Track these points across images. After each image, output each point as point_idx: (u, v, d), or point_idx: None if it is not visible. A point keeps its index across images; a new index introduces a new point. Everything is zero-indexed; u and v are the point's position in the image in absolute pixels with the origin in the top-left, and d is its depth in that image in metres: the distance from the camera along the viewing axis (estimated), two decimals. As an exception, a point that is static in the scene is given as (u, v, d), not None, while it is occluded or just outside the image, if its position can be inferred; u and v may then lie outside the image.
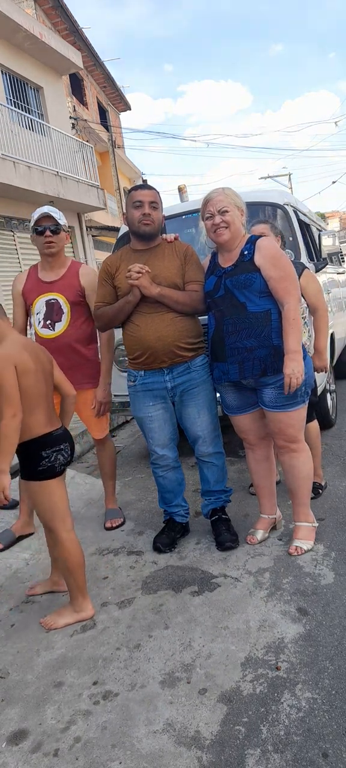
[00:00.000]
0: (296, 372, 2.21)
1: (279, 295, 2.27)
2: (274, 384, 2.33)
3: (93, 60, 16.95)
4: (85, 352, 2.85)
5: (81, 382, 2.84)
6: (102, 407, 2.89)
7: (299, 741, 1.48)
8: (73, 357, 2.80)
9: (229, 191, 2.37)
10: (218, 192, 2.36)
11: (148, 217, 2.43)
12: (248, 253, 2.32)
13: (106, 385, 2.88)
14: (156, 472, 2.70)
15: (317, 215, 5.55)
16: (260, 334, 2.30)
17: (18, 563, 2.76)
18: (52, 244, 2.73)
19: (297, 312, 2.25)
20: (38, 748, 1.60)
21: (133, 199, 2.46)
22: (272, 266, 2.27)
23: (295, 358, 2.23)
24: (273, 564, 2.37)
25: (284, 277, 2.26)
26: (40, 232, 2.72)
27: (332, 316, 4.24)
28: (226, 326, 2.35)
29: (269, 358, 2.30)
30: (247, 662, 1.81)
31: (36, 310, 2.79)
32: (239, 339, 2.32)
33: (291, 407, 2.35)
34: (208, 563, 2.47)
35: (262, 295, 2.29)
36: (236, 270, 2.34)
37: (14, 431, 1.99)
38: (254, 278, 2.29)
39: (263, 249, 2.30)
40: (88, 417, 2.93)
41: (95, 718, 1.68)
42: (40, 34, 11.27)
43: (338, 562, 2.31)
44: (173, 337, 2.44)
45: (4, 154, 9.35)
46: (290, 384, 2.23)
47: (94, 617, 2.19)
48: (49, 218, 2.71)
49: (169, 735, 1.57)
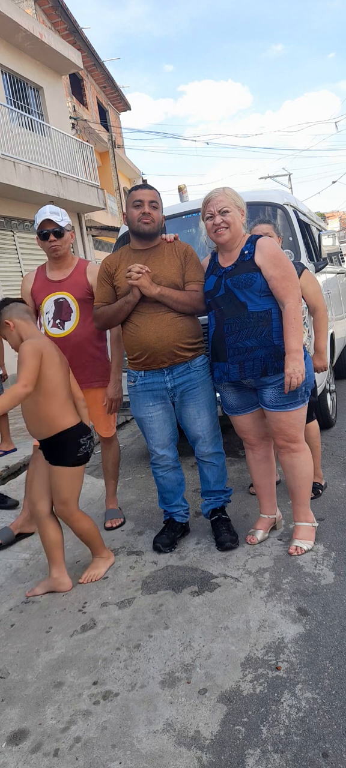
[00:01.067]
0: (297, 371, 2.21)
1: (280, 295, 2.27)
2: (274, 384, 2.33)
3: (93, 60, 16.96)
4: (94, 350, 2.85)
5: (90, 381, 2.85)
6: (113, 404, 2.89)
7: (299, 741, 1.48)
8: (83, 355, 2.80)
9: (229, 191, 2.37)
10: (219, 192, 2.35)
11: (148, 216, 2.43)
12: (248, 252, 2.33)
13: (117, 382, 2.88)
14: (156, 473, 2.70)
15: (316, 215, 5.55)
16: (261, 334, 2.30)
17: (18, 563, 2.76)
18: (58, 247, 2.74)
19: (298, 312, 2.25)
20: (38, 748, 1.60)
21: (133, 199, 2.46)
22: (273, 266, 2.27)
23: (296, 358, 2.23)
24: (273, 564, 2.37)
25: (286, 277, 2.26)
26: (45, 236, 2.72)
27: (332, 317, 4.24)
28: (226, 326, 2.35)
29: (270, 358, 2.30)
30: (247, 662, 1.81)
31: (45, 309, 2.80)
32: (240, 339, 2.32)
33: (291, 407, 2.35)
34: (208, 563, 2.47)
35: (262, 294, 2.29)
36: (236, 269, 2.34)
37: (16, 398, 2.16)
38: (254, 278, 2.29)
39: (264, 248, 2.30)
40: (97, 415, 2.93)
41: (95, 718, 1.68)
42: (40, 34, 11.27)
43: (338, 562, 2.31)
44: (173, 337, 2.44)
45: (4, 154, 9.35)
46: (291, 383, 2.23)
47: (94, 617, 2.19)
48: (51, 222, 2.71)
49: (169, 735, 1.57)
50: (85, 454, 2.37)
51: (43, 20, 13.60)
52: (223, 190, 2.36)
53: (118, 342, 2.87)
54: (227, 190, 2.37)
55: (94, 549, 2.52)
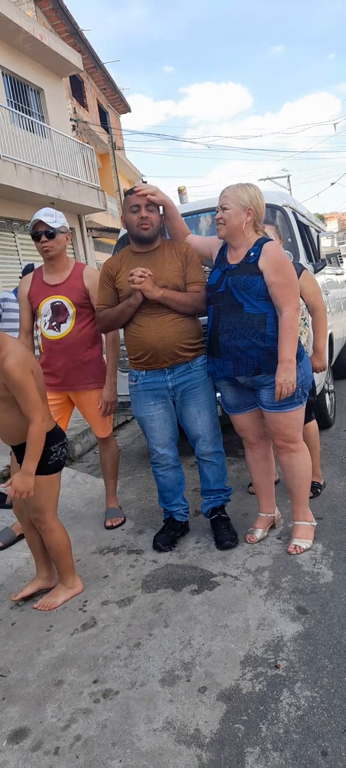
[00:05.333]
0: (287, 382, 2.21)
1: (279, 302, 2.26)
2: (270, 385, 2.33)
3: (93, 62, 16.97)
4: (89, 352, 2.86)
5: (86, 382, 2.87)
6: (108, 407, 2.90)
7: (299, 739, 1.49)
8: (78, 357, 2.82)
9: (237, 187, 2.34)
10: (229, 188, 2.36)
11: (146, 221, 2.44)
12: (254, 255, 2.31)
13: (112, 385, 2.90)
14: (156, 472, 2.71)
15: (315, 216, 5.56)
16: (253, 335, 2.29)
17: (19, 562, 2.76)
18: (49, 248, 2.74)
19: (294, 321, 2.24)
20: (39, 747, 1.60)
21: (130, 204, 2.46)
22: (275, 272, 2.25)
23: (288, 368, 2.22)
24: (272, 563, 2.38)
25: (286, 285, 2.25)
26: (37, 237, 2.74)
27: (331, 317, 4.25)
28: (222, 324, 2.36)
29: (263, 358, 2.30)
30: (246, 660, 1.81)
31: (43, 312, 2.81)
32: (232, 338, 2.33)
33: (289, 408, 2.35)
34: (207, 562, 2.48)
35: (260, 298, 2.29)
36: (239, 270, 2.34)
37: (43, 435, 2.11)
38: (254, 281, 2.28)
39: (268, 253, 2.29)
40: (93, 416, 2.95)
41: (96, 716, 1.68)
42: (41, 36, 11.29)
43: (336, 560, 2.32)
44: (174, 337, 2.46)
45: (4, 156, 9.37)
46: (281, 393, 2.23)
47: (95, 616, 2.20)
48: (42, 224, 2.72)
49: (169, 733, 1.57)
50: (57, 461, 2.24)
51: (44, 22, 13.62)
52: (236, 186, 2.35)
53: (114, 345, 2.88)
54: (238, 188, 2.34)
55: (60, 571, 2.35)
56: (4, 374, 2.02)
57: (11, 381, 2.02)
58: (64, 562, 2.33)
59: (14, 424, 2.16)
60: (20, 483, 2.08)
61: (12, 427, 2.18)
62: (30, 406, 2.06)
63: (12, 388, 2.04)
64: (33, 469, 2.09)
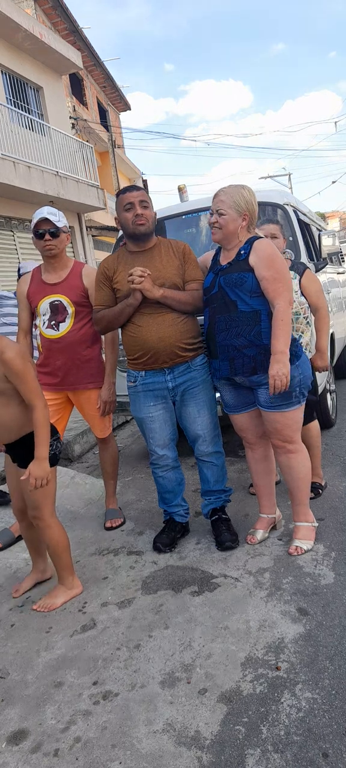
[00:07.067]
0: (280, 374, 2.18)
1: (270, 296, 2.25)
2: (268, 384, 2.33)
3: (93, 60, 16.95)
4: (89, 351, 2.85)
5: (85, 382, 2.86)
6: (107, 407, 2.90)
7: (299, 741, 1.48)
8: (77, 356, 2.81)
9: (234, 191, 2.32)
10: (223, 190, 2.35)
11: (142, 217, 2.43)
12: (244, 252, 2.33)
13: (111, 385, 2.89)
14: (156, 473, 2.70)
15: (317, 215, 5.55)
16: (249, 333, 2.29)
17: (18, 563, 2.76)
18: (52, 247, 2.73)
19: (287, 314, 2.23)
20: (38, 748, 1.60)
21: (123, 203, 2.45)
22: (266, 267, 2.26)
23: (280, 360, 2.19)
24: (273, 564, 2.37)
25: (277, 279, 2.24)
26: (40, 235, 2.73)
27: (332, 316, 4.24)
28: (217, 324, 2.36)
29: (259, 357, 2.29)
30: (247, 662, 1.81)
31: (42, 311, 2.81)
32: (229, 337, 2.33)
33: (287, 407, 2.34)
34: (208, 563, 2.47)
35: (253, 295, 2.29)
36: (230, 268, 2.34)
37: (48, 419, 2.13)
38: (246, 277, 2.29)
39: (258, 249, 2.30)
40: (92, 416, 2.94)
41: (95, 718, 1.68)
42: (40, 34, 11.27)
43: (338, 562, 2.31)
44: (175, 337, 2.45)
45: (4, 154, 9.36)
46: (275, 385, 2.19)
47: (94, 617, 2.19)
48: (47, 222, 2.71)
49: (169, 735, 1.57)
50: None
51: (43, 20, 13.59)
52: (230, 188, 2.33)
53: (112, 344, 2.87)
54: (232, 190, 2.32)
55: (59, 571, 2.33)
56: (6, 365, 2.07)
57: (13, 371, 2.07)
58: (63, 561, 2.32)
59: (11, 419, 2.17)
60: (38, 469, 2.10)
61: (9, 422, 2.19)
62: (32, 394, 2.10)
63: (14, 378, 2.08)
64: (46, 453, 2.12)
